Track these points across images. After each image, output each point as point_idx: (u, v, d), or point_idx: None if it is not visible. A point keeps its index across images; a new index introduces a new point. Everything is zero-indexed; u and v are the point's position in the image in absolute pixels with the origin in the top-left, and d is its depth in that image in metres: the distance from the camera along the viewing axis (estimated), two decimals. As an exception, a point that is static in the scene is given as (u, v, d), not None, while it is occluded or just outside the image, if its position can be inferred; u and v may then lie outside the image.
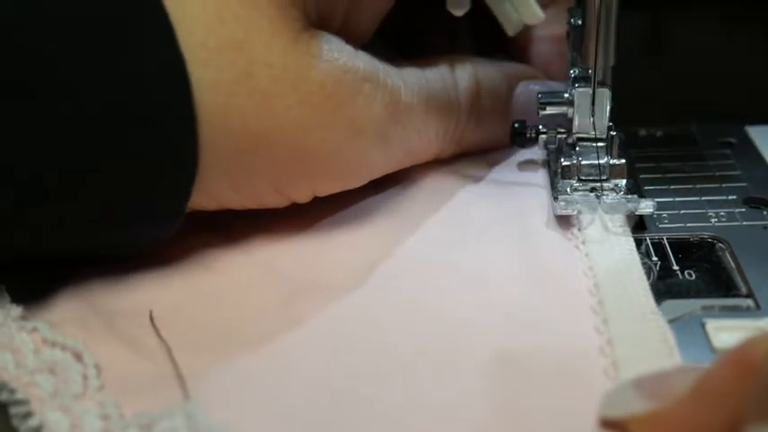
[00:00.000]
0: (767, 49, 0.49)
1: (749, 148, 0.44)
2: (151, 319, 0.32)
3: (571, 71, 0.38)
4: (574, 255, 0.34)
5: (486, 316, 0.31)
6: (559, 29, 0.41)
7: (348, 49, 0.35)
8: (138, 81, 0.30)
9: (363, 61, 0.35)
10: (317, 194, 0.36)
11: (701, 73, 0.47)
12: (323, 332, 0.31)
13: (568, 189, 0.37)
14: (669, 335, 0.30)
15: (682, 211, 0.38)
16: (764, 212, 0.38)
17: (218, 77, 0.32)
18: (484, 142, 0.42)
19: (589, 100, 0.37)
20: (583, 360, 0.29)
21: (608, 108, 0.37)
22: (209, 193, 0.34)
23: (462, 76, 0.40)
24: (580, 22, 0.36)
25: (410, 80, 0.38)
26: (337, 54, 0.34)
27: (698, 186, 0.40)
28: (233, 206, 0.35)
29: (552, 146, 0.39)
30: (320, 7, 0.34)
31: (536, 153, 0.42)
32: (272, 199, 0.35)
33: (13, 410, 0.28)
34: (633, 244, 0.35)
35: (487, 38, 0.45)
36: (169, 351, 0.30)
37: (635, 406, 0.26)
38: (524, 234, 0.36)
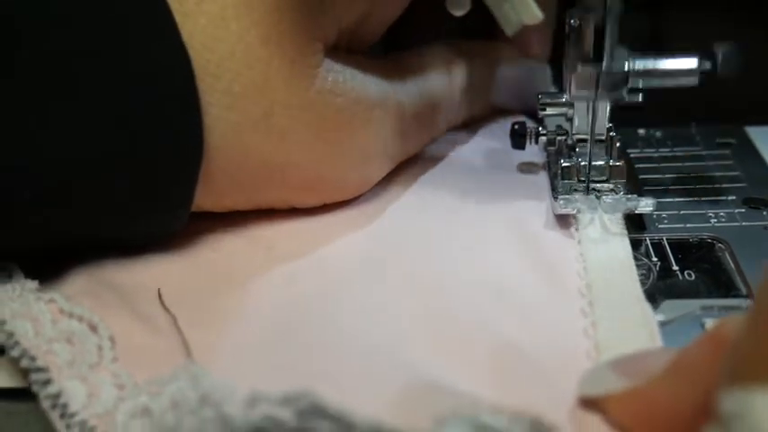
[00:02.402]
0: (767, 49, 0.49)
1: (749, 148, 0.44)
2: (159, 295, 0.33)
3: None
4: (567, 242, 0.35)
5: (476, 292, 0.32)
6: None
7: (360, 75, 0.36)
8: (143, 79, 0.31)
9: (373, 86, 0.36)
10: (325, 203, 0.37)
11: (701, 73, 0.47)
12: (323, 305, 0.32)
13: (568, 189, 0.37)
14: (652, 319, 0.30)
15: (681, 212, 0.38)
16: (764, 213, 0.38)
17: (240, 119, 0.33)
18: (466, 120, 0.44)
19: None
20: (566, 340, 0.30)
21: (607, 108, 0.37)
22: (220, 202, 0.35)
23: (457, 70, 0.42)
24: (580, 21, 0.36)
25: (412, 89, 0.39)
26: (351, 85, 0.35)
27: (697, 187, 0.40)
28: (239, 209, 0.36)
29: (552, 147, 0.40)
30: (340, 26, 0.35)
31: (536, 155, 0.42)
32: (281, 206, 0.37)
33: (34, 377, 0.29)
34: (627, 240, 0.35)
35: (472, 18, 0.45)
36: (175, 320, 0.31)
37: (612, 384, 0.26)
38: (522, 229, 0.36)
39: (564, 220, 0.36)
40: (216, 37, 0.32)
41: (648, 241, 0.37)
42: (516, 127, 0.40)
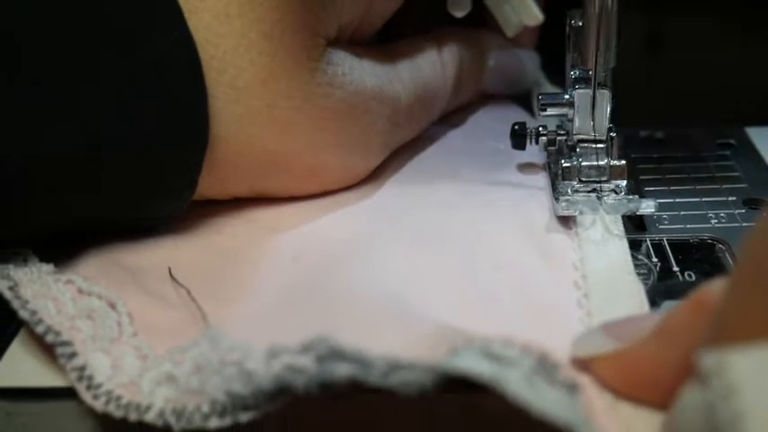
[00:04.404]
0: (767, 49, 0.49)
1: (749, 149, 0.44)
2: (170, 273, 0.34)
3: (571, 72, 0.38)
4: (566, 238, 0.36)
5: (475, 266, 0.34)
6: None
7: (358, 67, 0.37)
8: (150, 74, 0.32)
9: (370, 77, 0.37)
10: (325, 191, 0.39)
11: (702, 74, 0.48)
12: (328, 273, 0.33)
13: (569, 190, 0.37)
14: (642, 292, 0.32)
15: (682, 213, 0.38)
16: (764, 214, 0.38)
17: (244, 111, 0.34)
18: (456, 107, 0.45)
19: (589, 101, 0.37)
20: (561, 310, 0.31)
21: (608, 109, 0.37)
22: (224, 190, 0.37)
23: (449, 59, 0.43)
24: (580, 23, 0.36)
25: (407, 80, 0.40)
26: (349, 77, 0.36)
27: (698, 187, 0.40)
28: (243, 197, 0.38)
29: (552, 147, 0.40)
30: (341, 23, 0.36)
31: (536, 155, 0.42)
32: (282, 194, 0.38)
33: (60, 350, 0.29)
34: (625, 240, 0.36)
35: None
36: (188, 293, 0.32)
37: (602, 346, 0.27)
38: (521, 226, 0.37)
39: (564, 220, 0.37)
40: (219, 33, 0.33)
41: (649, 242, 0.37)
42: (516, 127, 0.40)
